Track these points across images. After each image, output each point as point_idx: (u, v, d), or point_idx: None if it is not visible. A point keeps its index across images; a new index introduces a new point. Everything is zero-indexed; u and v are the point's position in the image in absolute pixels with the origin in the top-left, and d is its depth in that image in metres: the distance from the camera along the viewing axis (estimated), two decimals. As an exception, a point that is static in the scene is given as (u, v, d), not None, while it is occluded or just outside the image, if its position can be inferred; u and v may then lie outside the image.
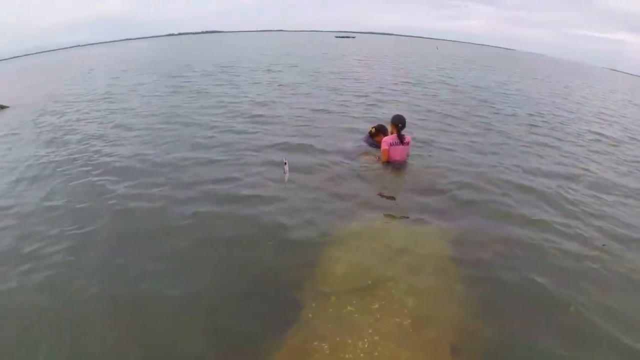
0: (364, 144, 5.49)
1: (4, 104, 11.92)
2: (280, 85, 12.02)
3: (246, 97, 9.92)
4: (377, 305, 2.52)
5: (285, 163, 3.50)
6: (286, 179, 3.56)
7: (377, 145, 5.18)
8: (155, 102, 9.85)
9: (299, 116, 7.74)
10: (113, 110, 9.16)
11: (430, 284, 2.81)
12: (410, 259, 3.03)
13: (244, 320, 2.46)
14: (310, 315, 2.39)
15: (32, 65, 35.53)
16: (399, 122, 4.79)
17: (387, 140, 4.80)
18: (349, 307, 2.47)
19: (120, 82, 14.42)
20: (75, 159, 5.56)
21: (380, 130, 5.34)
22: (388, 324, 2.37)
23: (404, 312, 2.49)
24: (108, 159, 5.47)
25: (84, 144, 6.28)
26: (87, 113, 8.99)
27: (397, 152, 4.85)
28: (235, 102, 9.19)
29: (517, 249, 3.34)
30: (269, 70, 16.27)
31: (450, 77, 16.15)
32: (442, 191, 4.37)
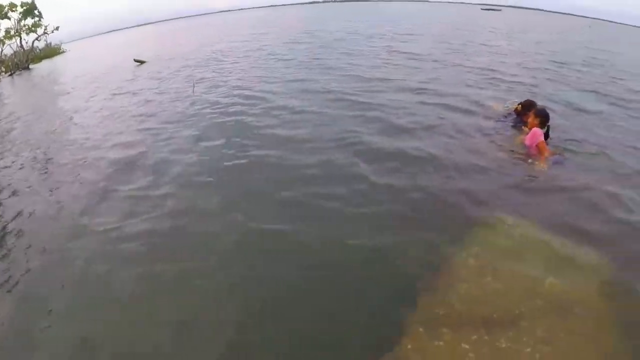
0: (508, 123, 4.71)
1: (144, 60, 14.24)
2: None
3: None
4: (502, 345, 1.96)
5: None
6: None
7: (524, 125, 4.32)
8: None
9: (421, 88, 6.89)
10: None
11: (578, 330, 2.09)
12: (555, 292, 2.29)
13: (325, 343, 2.09)
14: (409, 346, 1.97)
15: (183, 27, 39.62)
16: (546, 118, 3.94)
17: (540, 133, 3.87)
18: (464, 345, 1.97)
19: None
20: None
21: (528, 108, 4.40)
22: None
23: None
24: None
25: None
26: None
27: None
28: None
29: None
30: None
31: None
32: (611, 210, 3.18)
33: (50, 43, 30.38)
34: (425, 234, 2.81)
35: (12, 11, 23.52)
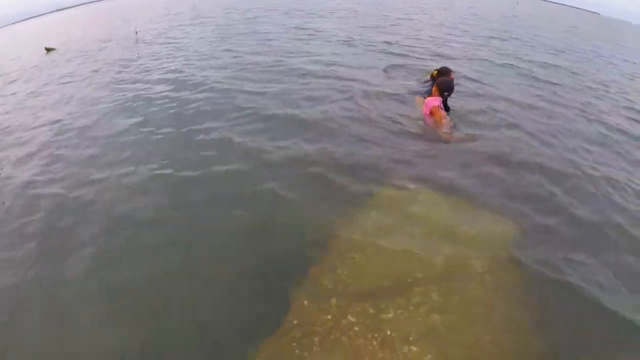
0: (422, 90, 4.77)
1: (53, 47, 12.74)
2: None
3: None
4: (389, 315, 1.93)
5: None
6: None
7: None
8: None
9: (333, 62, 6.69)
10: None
11: (475, 299, 2.11)
12: (452, 258, 2.32)
13: (207, 323, 2.00)
14: (295, 321, 1.92)
15: (98, 10, 35.40)
16: (447, 89, 3.96)
17: (435, 101, 3.92)
18: (350, 317, 1.93)
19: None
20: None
21: (442, 74, 4.44)
22: (399, 350, 1.80)
23: (425, 334, 1.88)
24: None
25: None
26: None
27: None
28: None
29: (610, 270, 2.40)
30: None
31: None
32: (510, 174, 3.31)
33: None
34: (317, 210, 2.74)
35: None
